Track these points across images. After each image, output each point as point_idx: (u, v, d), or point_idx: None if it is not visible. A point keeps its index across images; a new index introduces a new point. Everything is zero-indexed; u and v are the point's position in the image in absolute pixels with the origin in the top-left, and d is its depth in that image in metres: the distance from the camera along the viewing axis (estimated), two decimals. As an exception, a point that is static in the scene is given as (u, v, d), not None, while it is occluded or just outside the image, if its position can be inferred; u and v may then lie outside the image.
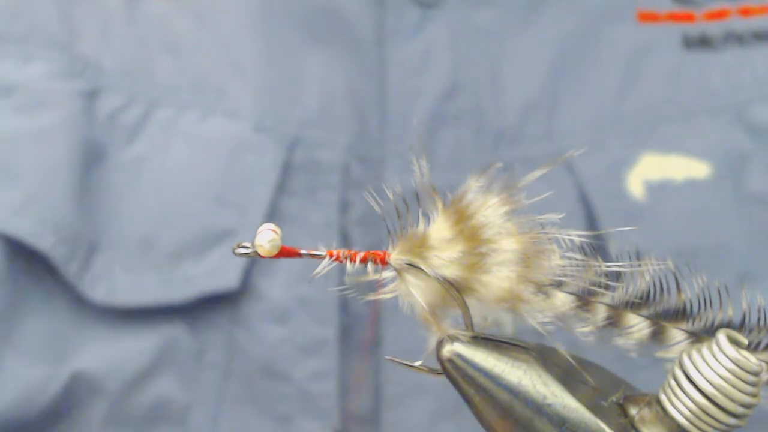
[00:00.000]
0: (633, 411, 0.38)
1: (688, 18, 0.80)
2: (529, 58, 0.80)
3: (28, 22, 0.76)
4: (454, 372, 0.39)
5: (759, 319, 0.38)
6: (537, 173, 0.39)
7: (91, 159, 0.74)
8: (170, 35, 0.79)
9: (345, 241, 0.73)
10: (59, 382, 0.70)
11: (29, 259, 0.71)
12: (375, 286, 0.40)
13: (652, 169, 0.76)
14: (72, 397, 0.70)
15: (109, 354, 0.71)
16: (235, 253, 0.40)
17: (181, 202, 0.74)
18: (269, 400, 0.72)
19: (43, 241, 0.70)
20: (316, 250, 0.41)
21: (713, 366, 0.36)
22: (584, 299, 0.40)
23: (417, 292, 0.40)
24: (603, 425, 0.37)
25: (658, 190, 0.75)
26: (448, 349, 0.39)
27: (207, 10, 0.80)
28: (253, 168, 0.75)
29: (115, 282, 0.72)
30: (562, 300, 0.40)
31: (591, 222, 0.74)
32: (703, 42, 0.79)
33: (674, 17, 0.80)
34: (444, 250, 0.39)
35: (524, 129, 0.78)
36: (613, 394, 0.39)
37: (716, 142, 0.76)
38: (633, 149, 0.76)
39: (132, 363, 0.71)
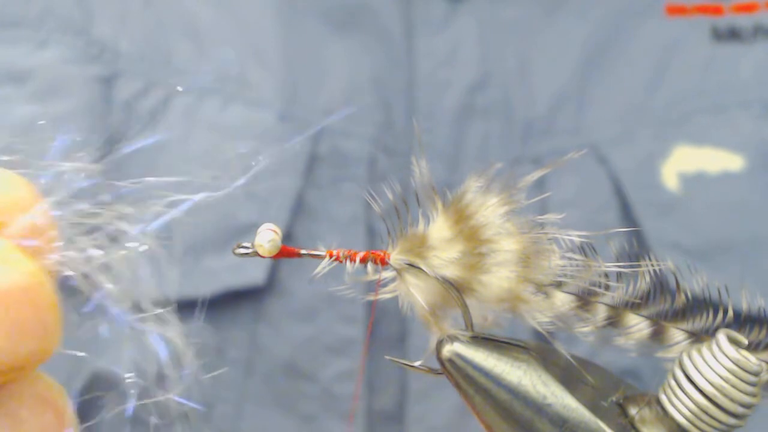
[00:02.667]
0: (633, 411, 0.38)
1: (717, 11, 0.80)
2: (557, 50, 0.79)
3: (42, 5, 0.75)
4: (454, 372, 0.39)
5: (759, 319, 0.38)
6: (537, 174, 0.39)
7: (110, 147, 0.72)
8: (190, 18, 0.77)
9: (370, 236, 0.72)
10: (78, 382, 0.69)
11: None
12: (375, 286, 0.40)
13: (686, 161, 0.75)
14: (92, 396, 0.69)
15: (128, 351, 0.70)
16: (235, 254, 0.40)
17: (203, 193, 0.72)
18: (293, 399, 0.70)
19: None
20: (316, 249, 0.41)
21: (713, 366, 0.36)
22: (584, 299, 0.40)
23: (417, 292, 0.39)
24: (603, 425, 0.37)
25: (693, 181, 0.75)
26: (448, 349, 0.39)
27: None
28: (278, 159, 0.73)
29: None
30: (561, 300, 0.39)
31: (626, 214, 0.74)
32: (732, 35, 0.79)
33: (703, 10, 0.80)
34: (444, 250, 0.39)
35: (553, 121, 0.77)
36: (613, 394, 0.39)
37: (748, 134, 0.76)
38: (666, 141, 0.76)
39: (152, 359, 0.70)
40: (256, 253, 0.40)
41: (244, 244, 0.40)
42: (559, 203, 0.72)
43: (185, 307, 0.70)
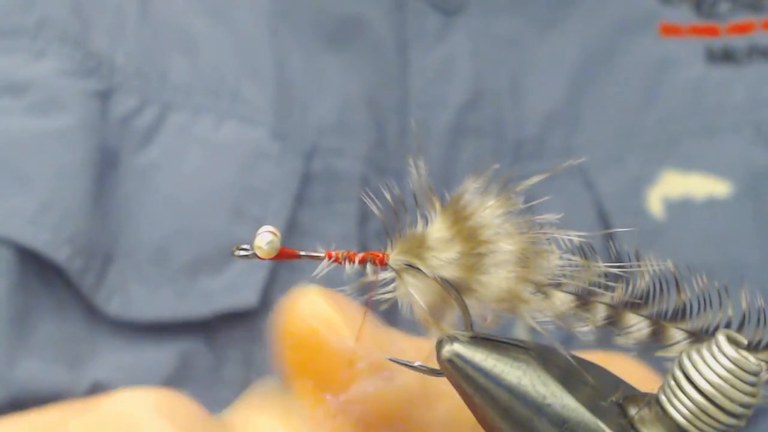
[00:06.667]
0: (632, 411, 0.38)
1: (712, 32, 0.79)
2: (550, 69, 0.78)
3: (39, 15, 0.74)
4: (454, 372, 0.39)
5: (759, 319, 0.38)
6: (535, 178, 0.39)
7: (105, 164, 0.72)
8: (185, 34, 0.76)
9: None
10: (78, 391, 0.69)
11: (41, 266, 0.69)
12: (374, 287, 0.40)
13: (672, 187, 0.74)
14: None
15: (127, 366, 0.70)
16: (234, 256, 0.40)
17: (197, 212, 0.72)
18: None
19: (59, 252, 0.68)
20: (315, 251, 0.41)
21: (712, 366, 0.36)
22: (584, 299, 0.40)
23: (416, 293, 0.40)
24: (602, 425, 0.37)
25: (678, 208, 0.74)
26: (447, 350, 0.39)
27: (223, 9, 0.78)
28: (271, 177, 0.73)
29: (129, 295, 0.70)
30: (561, 300, 0.39)
31: (608, 239, 0.73)
32: (726, 56, 0.78)
33: (697, 31, 0.79)
34: (443, 251, 0.39)
35: (544, 142, 0.77)
36: (613, 394, 0.39)
37: (738, 158, 0.75)
38: (654, 166, 0.75)
39: (152, 375, 0.69)
40: (255, 255, 0.40)
41: (244, 246, 0.40)
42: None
43: (181, 328, 0.70)
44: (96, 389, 0.69)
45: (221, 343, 0.70)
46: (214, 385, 0.70)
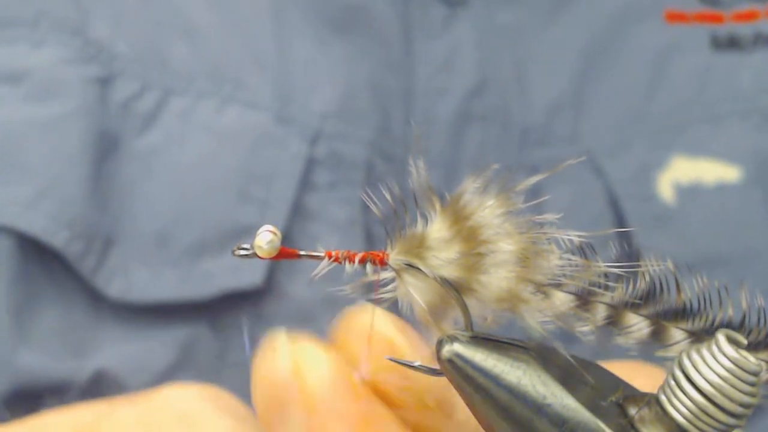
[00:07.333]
0: (632, 411, 0.38)
1: (717, 19, 0.79)
2: (555, 57, 0.79)
3: (38, 5, 0.74)
4: (454, 372, 0.39)
5: (759, 319, 0.38)
6: (534, 179, 0.39)
7: (105, 149, 0.72)
8: (186, 19, 0.76)
9: (368, 239, 0.72)
10: (81, 379, 0.69)
11: (42, 254, 0.70)
12: (374, 286, 0.40)
13: (682, 172, 0.75)
14: (97, 394, 0.69)
15: (130, 352, 0.70)
16: (234, 255, 0.40)
17: (200, 195, 0.72)
18: None
19: (58, 237, 0.68)
20: (315, 251, 0.41)
21: (712, 366, 0.36)
22: (584, 299, 0.40)
23: (416, 293, 0.40)
24: (602, 425, 0.37)
25: (689, 193, 0.74)
26: (447, 350, 0.39)
27: None
28: (275, 161, 0.73)
29: (131, 278, 0.70)
30: (561, 300, 0.39)
31: (620, 225, 0.73)
32: (731, 43, 0.78)
33: (702, 18, 0.79)
34: (442, 251, 0.39)
35: (550, 129, 0.77)
36: (613, 394, 0.39)
37: (746, 144, 0.75)
38: (663, 151, 0.75)
39: (155, 362, 0.69)
40: (256, 255, 0.40)
41: (244, 246, 0.40)
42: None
43: (185, 311, 0.70)
44: (99, 377, 0.69)
45: (226, 327, 0.70)
46: (218, 370, 0.70)
